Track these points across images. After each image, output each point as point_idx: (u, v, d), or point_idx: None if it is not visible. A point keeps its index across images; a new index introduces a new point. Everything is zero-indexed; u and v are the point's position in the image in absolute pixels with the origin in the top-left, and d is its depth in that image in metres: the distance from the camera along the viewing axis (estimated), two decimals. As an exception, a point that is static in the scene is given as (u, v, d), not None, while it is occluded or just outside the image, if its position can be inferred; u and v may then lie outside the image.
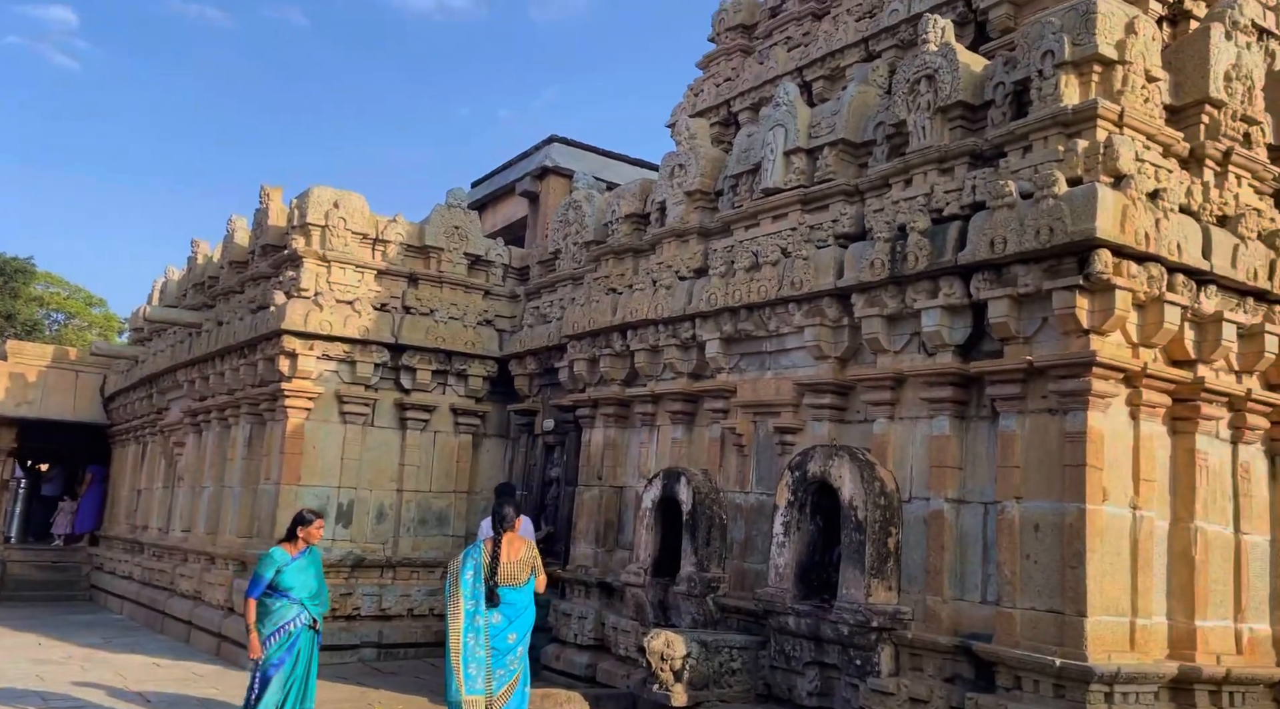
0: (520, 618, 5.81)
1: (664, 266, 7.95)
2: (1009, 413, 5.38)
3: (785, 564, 6.29)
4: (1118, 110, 5.23)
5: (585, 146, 13.67)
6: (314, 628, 6.30)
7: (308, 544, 6.32)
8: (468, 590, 5.68)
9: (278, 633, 6.11)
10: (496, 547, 5.75)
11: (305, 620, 6.22)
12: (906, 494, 5.90)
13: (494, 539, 5.80)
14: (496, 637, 5.70)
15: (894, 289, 5.92)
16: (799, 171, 6.86)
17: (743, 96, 8.67)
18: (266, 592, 6.13)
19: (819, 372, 6.51)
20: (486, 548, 5.80)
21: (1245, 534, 5.69)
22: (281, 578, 6.13)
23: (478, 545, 5.90)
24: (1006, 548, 5.30)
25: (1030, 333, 5.34)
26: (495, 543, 5.77)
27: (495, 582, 5.69)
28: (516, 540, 5.86)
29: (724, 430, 7.32)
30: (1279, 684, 5.56)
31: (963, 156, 5.81)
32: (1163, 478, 5.43)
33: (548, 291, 10.25)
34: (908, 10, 7.25)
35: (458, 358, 10.41)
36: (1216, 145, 5.60)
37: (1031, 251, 5.11)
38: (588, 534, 8.61)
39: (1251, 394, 5.63)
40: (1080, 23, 5.35)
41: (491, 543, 5.79)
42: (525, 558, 5.81)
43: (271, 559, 6.17)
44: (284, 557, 6.19)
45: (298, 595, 6.17)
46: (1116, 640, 5.03)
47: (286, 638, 6.13)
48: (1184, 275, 5.29)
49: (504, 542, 5.76)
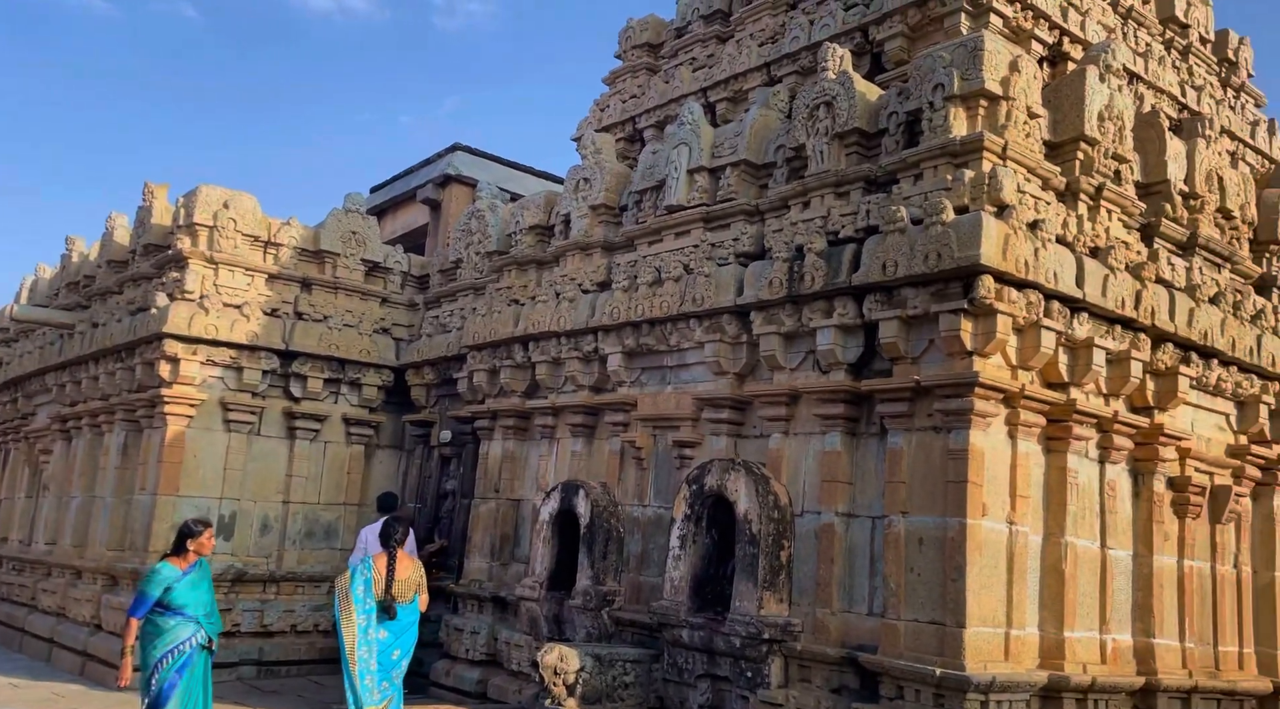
0: (405, 635, 5.93)
1: (567, 279, 7.95)
2: (897, 430, 5.58)
3: (681, 577, 6.34)
4: (1002, 143, 5.51)
5: (489, 156, 13.58)
6: (208, 648, 5.91)
7: (198, 556, 5.93)
8: (359, 604, 5.72)
9: (171, 654, 5.70)
10: (391, 562, 5.86)
11: (201, 640, 5.83)
12: (799, 508, 6.04)
13: (389, 554, 5.90)
14: (383, 653, 5.79)
15: (791, 308, 6.07)
16: (702, 190, 6.97)
17: (648, 113, 8.77)
18: (157, 610, 5.70)
19: (718, 387, 6.61)
20: (380, 563, 5.88)
21: (1110, 549, 6.02)
22: (172, 595, 5.73)
23: (367, 561, 5.95)
24: (892, 561, 5.47)
25: (918, 353, 5.55)
26: (390, 558, 5.88)
27: (391, 597, 5.79)
28: (406, 558, 6.00)
29: (624, 444, 7.35)
30: (1139, 692, 5.90)
31: (858, 181, 6.01)
32: (1037, 494, 5.71)
33: (448, 301, 10.11)
34: (808, 38, 7.48)
35: (352, 366, 10.16)
36: (1090, 180, 5.95)
37: (920, 275, 5.33)
38: (483, 547, 8.49)
39: (1118, 416, 5.96)
40: (969, 58, 5.62)
41: (386, 558, 5.89)
42: (413, 577, 5.96)
43: (160, 576, 5.74)
44: (174, 572, 5.79)
45: (192, 613, 5.78)
46: (992, 651, 5.24)
47: (180, 658, 5.72)
48: (1059, 302, 5.59)
49: (398, 559, 5.89)
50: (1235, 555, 6.94)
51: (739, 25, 8.35)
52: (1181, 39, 7.95)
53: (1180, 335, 6.17)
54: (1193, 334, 6.24)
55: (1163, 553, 6.24)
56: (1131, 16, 7.51)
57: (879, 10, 7.01)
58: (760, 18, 8.11)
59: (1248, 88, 8.54)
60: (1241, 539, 7.01)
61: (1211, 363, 6.55)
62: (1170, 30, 7.94)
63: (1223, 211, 6.93)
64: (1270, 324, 7.08)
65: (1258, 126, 8.35)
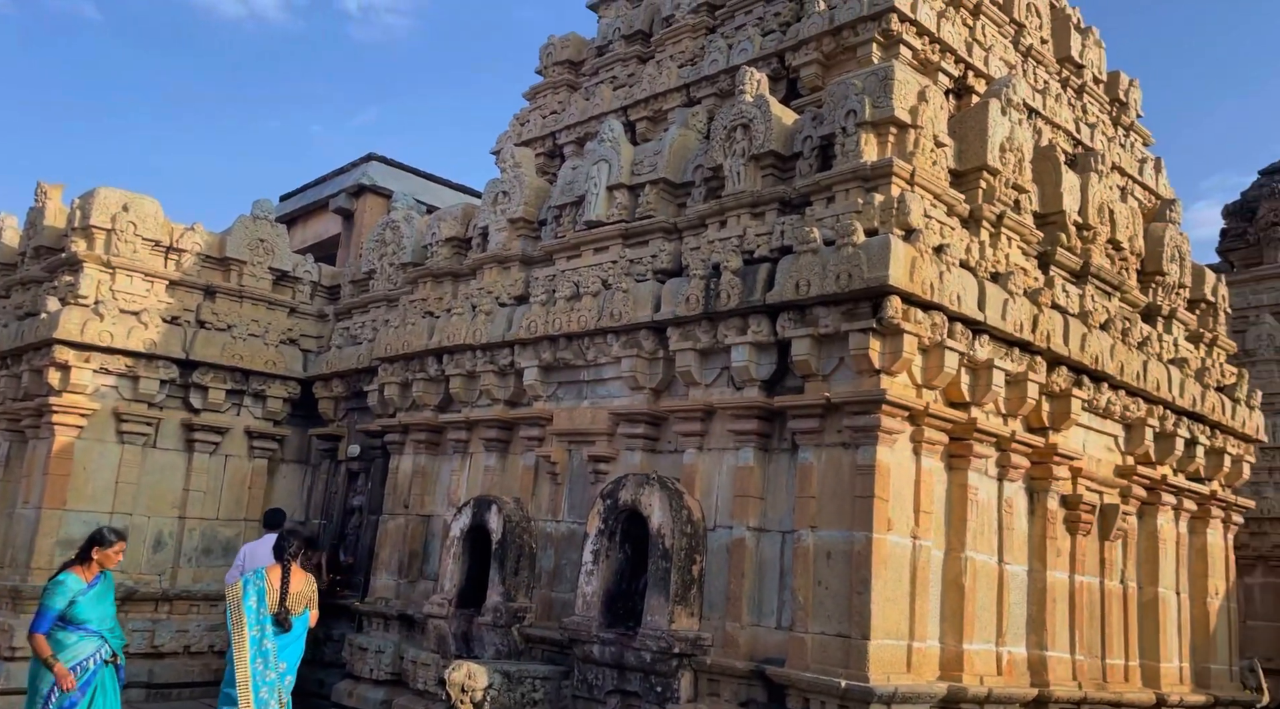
0: (291, 647, 5.90)
1: (484, 292, 7.89)
2: (807, 446, 5.69)
3: (593, 592, 6.32)
4: (910, 169, 5.70)
5: (405, 167, 13.41)
6: (113, 663, 5.61)
7: (103, 569, 5.65)
8: (252, 616, 5.64)
9: (73, 672, 5.39)
10: (286, 574, 5.82)
11: (105, 655, 5.53)
12: (712, 523, 6.09)
13: (283, 566, 5.86)
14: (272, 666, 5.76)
15: (707, 324, 6.15)
16: (621, 206, 7.02)
17: (569, 129, 8.80)
18: (57, 624, 5.39)
19: (634, 402, 6.64)
20: (274, 575, 5.84)
21: (1007, 564, 6.23)
22: (76, 608, 5.43)
23: (259, 572, 5.88)
24: (801, 575, 5.56)
25: (829, 371, 5.69)
26: (285, 570, 5.83)
27: (286, 609, 5.74)
28: (299, 571, 5.96)
29: (539, 458, 7.31)
30: (1032, 703, 6.10)
31: (773, 202, 6.14)
32: (939, 510, 5.88)
33: (360, 312, 9.91)
34: (726, 62, 7.63)
35: (256, 377, 9.86)
36: (992, 208, 6.21)
37: (832, 295, 5.46)
38: (390, 565, 8.31)
39: (1016, 436, 6.20)
40: (880, 87, 5.82)
41: (281, 570, 5.84)
42: (304, 592, 5.92)
43: (65, 587, 5.43)
44: (79, 584, 5.49)
45: (95, 627, 5.50)
46: (895, 662, 5.36)
47: (83, 676, 5.41)
48: (962, 324, 5.79)
49: (291, 574, 5.85)
50: (1122, 571, 7.27)
51: (659, 46, 8.47)
52: (1077, 78, 8.38)
53: (1074, 359, 6.46)
54: (1085, 358, 6.54)
55: (1056, 568, 6.49)
56: (1031, 55, 7.89)
57: (795, 37, 7.20)
58: (680, 40, 8.24)
59: (1136, 127, 9.05)
60: (1128, 556, 7.34)
61: (1102, 386, 6.87)
62: (1066, 69, 8.37)
63: (1113, 243, 7.30)
64: (1155, 351, 7.47)
65: (1145, 164, 8.85)
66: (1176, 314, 7.96)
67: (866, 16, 6.73)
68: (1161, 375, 7.36)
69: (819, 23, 7.01)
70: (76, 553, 5.74)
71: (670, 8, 8.50)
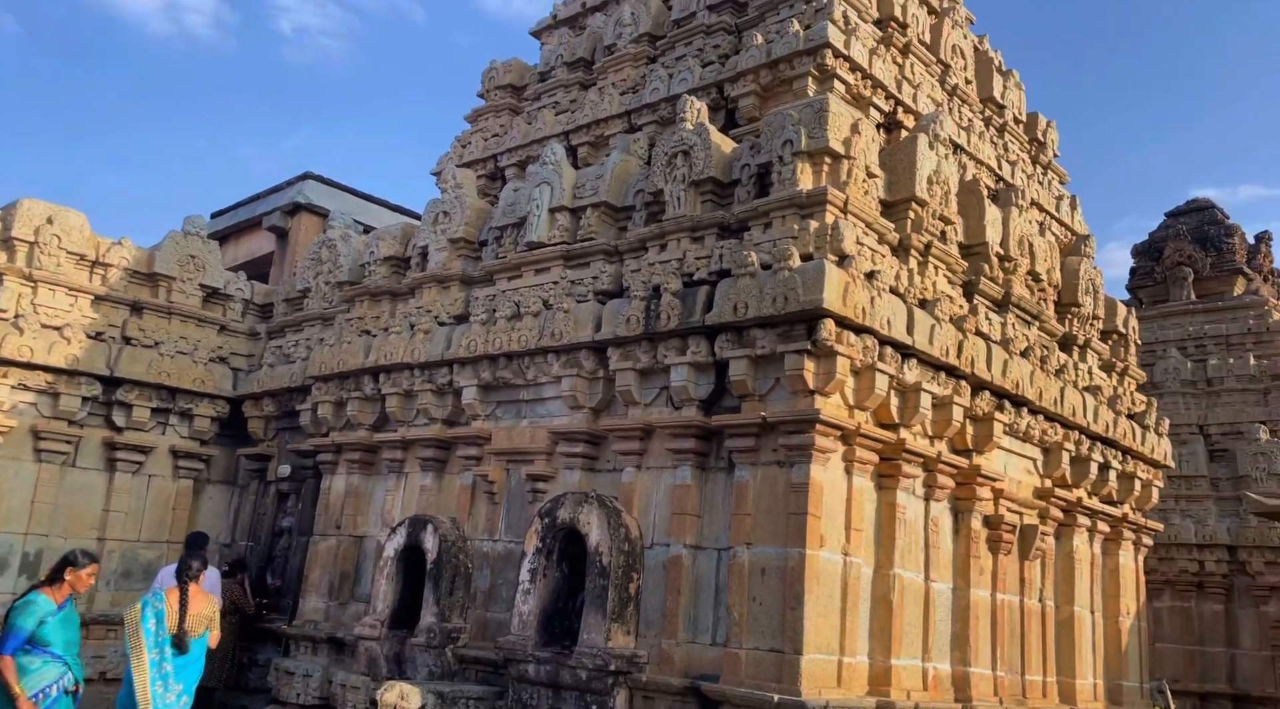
0: (190, 669, 5.87)
1: (423, 311, 7.88)
2: (744, 464, 5.82)
3: (530, 611, 6.31)
4: (844, 198, 5.93)
5: (342, 187, 13.31)
6: (74, 692, 5.39)
7: (73, 591, 5.46)
8: (151, 639, 5.60)
9: (36, 699, 5.16)
10: (185, 596, 5.81)
11: (68, 684, 5.31)
12: (649, 541, 6.16)
13: (181, 588, 5.84)
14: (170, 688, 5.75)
15: (647, 345, 6.26)
16: (563, 228, 7.12)
17: (511, 153, 8.89)
18: (23, 647, 5.16)
19: (573, 421, 6.69)
20: (173, 597, 5.82)
21: (933, 582, 6.42)
22: (43, 630, 5.21)
23: (159, 594, 5.84)
24: (736, 591, 5.66)
25: (765, 391, 5.84)
26: (184, 592, 5.82)
27: (185, 631, 5.72)
28: (200, 593, 5.95)
29: (476, 478, 7.30)
30: (956, 717, 6.29)
31: (712, 227, 6.31)
32: (869, 528, 6.05)
33: (293, 330, 9.78)
34: (667, 91, 7.82)
35: (183, 396, 9.64)
36: (920, 238, 6.47)
37: (769, 317, 5.63)
38: (320, 586, 8.17)
39: (941, 457, 6.42)
40: (815, 118, 6.05)
41: (179, 592, 5.82)
42: (205, 613, 5.91)
43: (35, 606, 5.22)
44: (49, 605, 5.28)
45: (60, 652, 5.28)
46: (827, 677, 5.48)
47: (44, 703, 5.18)
48: (892, 348, 6.01)
49: (191, 594, 5.83)
50: (1040, 590, 7.54)
51: (601, 74, 8.63)
52: (999, 118, 8.80)
53: (996, 384, 6.74)
54: (1006, 384, 6.83)
55: (978, 586, 6.72)
56: (957, 94, 8.26)
57: (734, 69, 7.43)
58: (622, 68, 8.42)
59: (1053, 166, 9.52)
60: (1046, 575, 7.62)
61: (1022, 411, 7.17)
62: (989, 109, 8.78)
63: (1032, 274, 7.66)
64: (1071, 378, 7.83)
65: (1062, 201, 9.30)
66: (1091, 344, 8.35)
67: (802, 51, 6.99)
68: (1077, 402, 7.70)
69: (757, 56, 7.25)
70: (47, 574, 5.56)
71: (612, 37, 8.68)
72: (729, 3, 7.99)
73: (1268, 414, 14.48)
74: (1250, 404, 14.72)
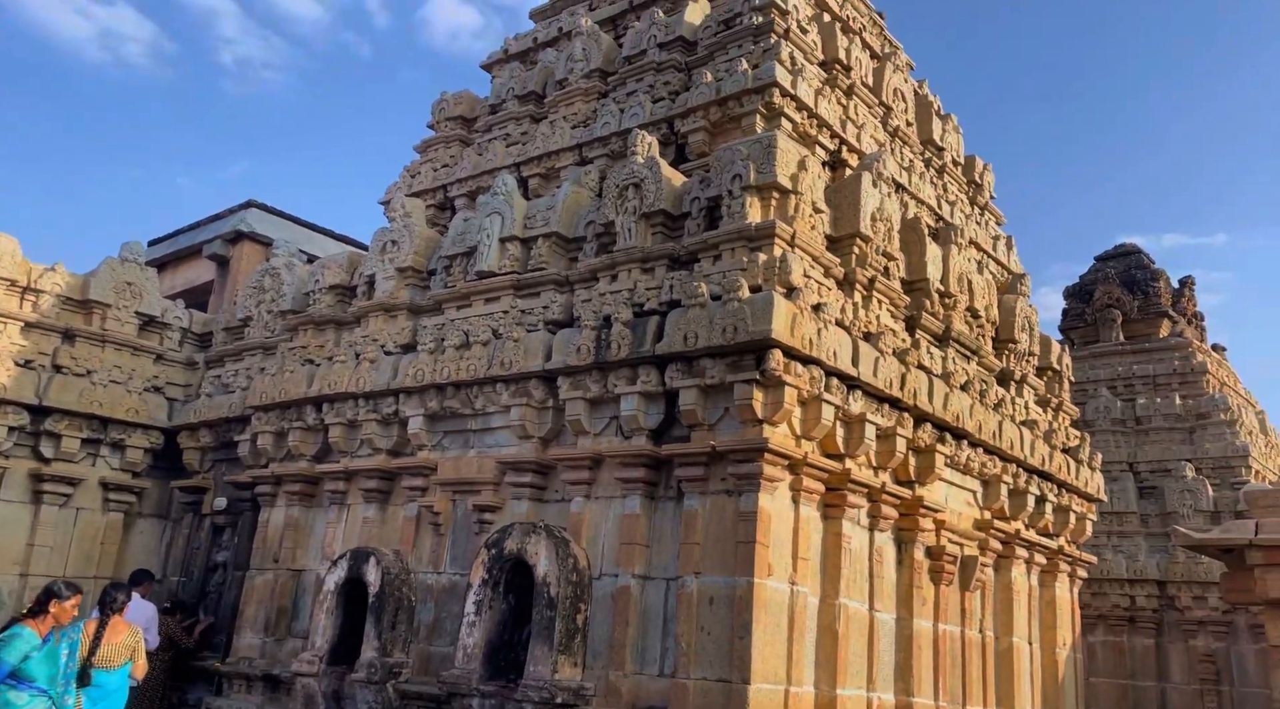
0: (108, 700, 5.77)
1: (369, 340, 7.80)
2: (693, 493, 5.84)
3: (475, 644, 6.21)
4: (791, 232, 6.05)
5: (286, 216, 13.15)
6: None
7: (58, 624, 5.35)
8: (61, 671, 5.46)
9: None
10: (100, 628, 5.77)
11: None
12: (598, 571, 6.12)
13: (100, 620, 5.80)
14: None
15: (597, 374, 6.27)
16: (514, 258, 7.13)
17: (460, 183, 8.90)
18: (7, 681, 5.01)
19: (522, 451, 6.66)
20: (90, 628, 5.77)
21: (877, 611, 6.49)
22: (28, 664, 5.06)
23: (77, 626, 5.74)
24: (684, 621, 5.64)
25: (714, 420, 5.88)
26: (100, 625, 5.78)
27: (91, 662, 5.60)
28: (121, 625, 5.89)
29: (421, 509, 7.19)
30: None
31: (663, 258, 6.38)
32: (815, 558, 6.09)
33: (233, 360, 9.58)
34: (618, 125, 7.93)
35: (116, 426, 9.36)
36: (865, 272, 6.62)
37: (718, 347, 5.69)
38: (256, 622, 7.93)
39: (885, 487, 6.52)
40: (764, 154, 6.19)
41: (96, 624, 5.78)
42: (126, 643, 5.85)
43: (20, 640, 5.08)
44: (34, 638, 5.14)
45: (45, 687, 5.11)
46: (774, 707, 5.48)
47: None
48: (838, 379, 6.12)
49: (109, 625, 5.77)
50: (980, 621, 7.65)
51: (553, 107, 8.72)
52: (938, 159, 9.09)
53: (937, 416, 6.89)
54: (948, 416, 6.98)
55: (921, 617, 6.80)
56: (898, 135, 8.52)
57: (684, 106, 7.57)
58: (573, 102, 8.52)
59: (990, 207, 9.84)
60: (985, 606, 7.75)
61: (962, 443, 7.33)
62: (929, 151, 9.06)
63: (971, 311, 7.87)
64: (1009, 412, 8.03)
65: (998, 241, 9.61)
66: (1027, 379, 8.59)
67: (750, 89, 7.16)
68: (1015, 435, 7.90)
69: (706, 93, 7.40)
70: (29, 607, 5.47)
71: (564, 72, 8.79)
72: (679, 41, 8.16)
73: (1193, 452, 15.00)
74: (1177, 442, 15.23)
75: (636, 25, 8.56)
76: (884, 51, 9.32)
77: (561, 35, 9.66)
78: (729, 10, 7.99)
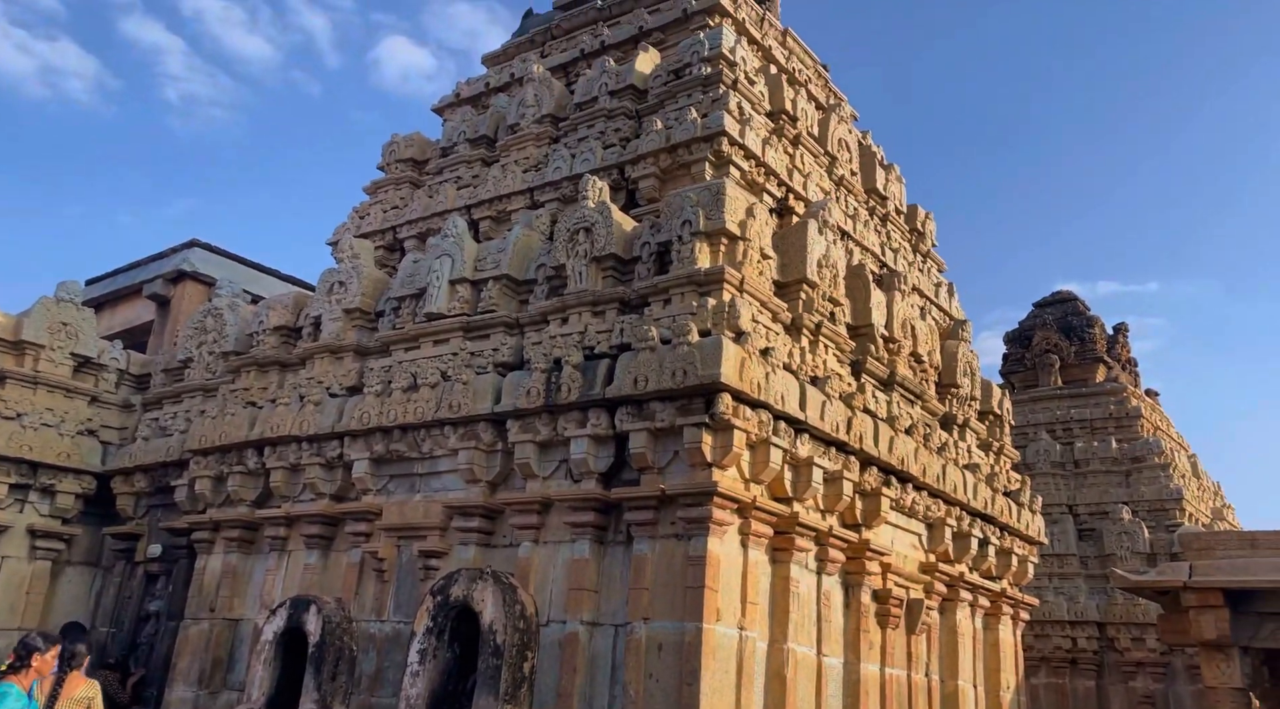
0: None
1: (314, 382, 7.68)
2: (643, 537, 5.81)
3: (418, 695, 6.07)
4: (740, 277, 6.14)
5: (230, 255, 12.95)
6: None
7: (39, 677, 5.38)
8: None
9: None
10: (58, 684, 5.77)
11: None
12: (545, 618, 6.04)
13: (58, 675, 5.79)
14: None
15: (547, 417, 6.25)
16: (463, 300, 7.11)
17: (411, 225, 8.87)
18: None
19: (469, 495, 6.57)
20: (47, 684, 5.78)
21: (825, 656, 6.49)
22: None
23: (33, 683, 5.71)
24: (633, 668, 5.58)
25: (664, 463, 5.88)
26: (58, 680, 5.78)
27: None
28: (79, 679, 5.90)
29: (365, 555, 7.04)
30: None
31: (613, 302, 6.42)
32: (764, 602, 6.08)
33: (171, 402, 9.35)
34: (570, 170, 8.00)
35: (46, 471, 9.06)
36: (811, 318, 6.73)
37: (668, 390, 5.71)
38: (189, 674, 7.64)
39: (833, 530, 6.56)
40: (713, 201, 6.29)
41: (54, 680, 5.78)
42: (83, 696, 5.86)
43: (10, 699, 5.11)
44: (21, 697, 5.18)
45: None
46: (724, 754, 5.43)
47: None
48: (785, 423, 6.17)
49: (67, 679, 5.79)
50: (926, 664, 7.69)
51: (504, 151, 8.77)
52: (882, 208, 9.31)
53: (883, 460, 6.98)
54: (893, 459, 7.07)
55: (869, 661, 6.81)
56: (843, 184, 8.73)
57: (635, 152, 7.67)
58: (525, 147, 8.58)
59: (932, 255, 10.09)
60: (931, 649, 7.79)
61: (907, 487, 7.42)
62: (873, 199, 9.29)
63: (915, 356, 8.03)
64: (952, 456, 8.17)
65: (940, 287, 9.84)
66: (970, 423, 8.75)
67: (700, 137, 7.28)
68: (958, 478, 8.03)
69: (657, 140, 7.51)
70: (9, 663, 5.43)
71: (515, 116, 8.86)
72: (630, 89, 8.29)
73: (1129, 495, 15.37)
74: (1114, 485, 15.60)
75: (588, 73, 8.68)
76: (829, 103, 9.57)
77: (514, 81, 9.76)
78: (678, 60, 8.16)
